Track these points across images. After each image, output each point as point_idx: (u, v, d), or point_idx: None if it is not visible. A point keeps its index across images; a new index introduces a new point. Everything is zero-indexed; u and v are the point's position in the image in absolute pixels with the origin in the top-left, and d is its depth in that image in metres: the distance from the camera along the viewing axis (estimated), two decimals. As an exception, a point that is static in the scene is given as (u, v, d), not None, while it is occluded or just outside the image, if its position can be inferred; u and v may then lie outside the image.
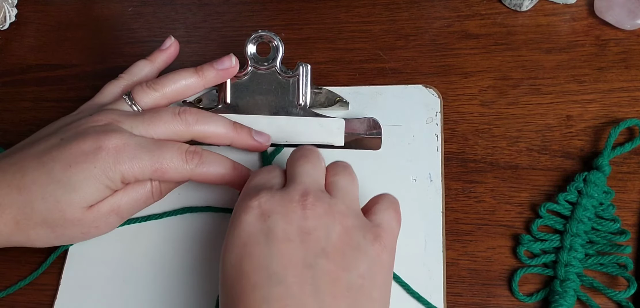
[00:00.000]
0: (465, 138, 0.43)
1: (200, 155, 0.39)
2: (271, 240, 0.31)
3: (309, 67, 0.44)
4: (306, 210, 0.32)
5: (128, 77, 0.44)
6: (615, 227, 0.38)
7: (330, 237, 0.31)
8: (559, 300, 0.36)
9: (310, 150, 0.36)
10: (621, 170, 0.41)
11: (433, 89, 0.45)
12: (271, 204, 0.32)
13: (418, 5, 0.51)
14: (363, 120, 0.44)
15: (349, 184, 0.35)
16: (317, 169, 0.35)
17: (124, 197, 0.38)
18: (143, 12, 0.54)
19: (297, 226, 0.31)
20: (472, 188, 0.41)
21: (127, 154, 0.36)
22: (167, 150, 0.38)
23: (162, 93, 0.42)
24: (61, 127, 0.39)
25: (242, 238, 0.31)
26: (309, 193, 0.32)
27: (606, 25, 0.47)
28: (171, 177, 0.38)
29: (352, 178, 0.36)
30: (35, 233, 0.37)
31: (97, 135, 0.37)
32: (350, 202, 0.34)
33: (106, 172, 0.36)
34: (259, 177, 0.36)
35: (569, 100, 0.44)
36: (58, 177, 0.36)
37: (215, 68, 0.43)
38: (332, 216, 0.32)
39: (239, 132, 0.42)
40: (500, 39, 0.47)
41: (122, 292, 0.39)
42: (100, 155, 0.36)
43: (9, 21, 0.54)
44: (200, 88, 0.43)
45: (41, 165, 0.36)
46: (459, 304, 0.38)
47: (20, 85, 0.51)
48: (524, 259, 0.38)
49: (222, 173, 0.39)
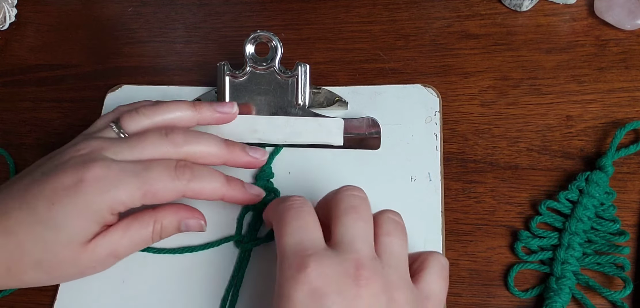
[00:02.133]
0: (465, 138, 0.43)
1: (191, 169, 0.36)
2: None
3: (307, 67, 0.44)
4: (361, 288, 0.29)
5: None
6: (615, 227, 0.38)
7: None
8: (553, 296, 0.36)
9: (361, 200, 0.33)
10: (621, 171, 0.40)
11: (432, 88, 0.45)
12: (323, 280, 0.29)
13: (418, 5, 0.51)
14: (362, 120, 0.43)
15: (402, 248, 0.32)
16: (369, 228, 0.32)
17: (123, 239, 0.36)
18: (143, 12, 0.54)
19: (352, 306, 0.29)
20: (472, 188, 0.41)
21: (111, 183, 0.34)
22: (153, 169, 0.35)
23: (152, 121, 0.38)
24: (46, 160, 0.37)
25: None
26: (363, 266, 0.29)
27: (606, 25, 0.47)
28: (162, 197, 0.35)
29: (404, 240, 0.33)
30: (29, 277, 0.35)
31: (76, 167, 0.34)
32: (403, 272, 0.31)
33: (90, 206, 0.34)
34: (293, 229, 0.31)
35: (569, 100, 0.44)
36: (42, 215, 0.34)
37: (214, 109, 0.40)
38: (388, 295, 0.29)
39: (232, 150, 0.39)
40: (500, 39, 0.47)
41: (121, 292, 0.39)
42: (82, 189, 0.34)
43: (9, 21, 0.54)
44: (194, 124, 0.40)
45: (24, 203, 0.34)
46: (459, 304, 0.38)
47: (20, 85, 0.51)
48: (521, 255, 0.38)
49: (215, 187, 0.37)
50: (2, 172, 0.47)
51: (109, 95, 0.48)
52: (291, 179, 0.42)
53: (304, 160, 0.43)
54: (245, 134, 0.43)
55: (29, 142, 0.48)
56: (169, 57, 0.51)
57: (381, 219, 0.33)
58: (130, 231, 0.36)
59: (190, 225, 0.38)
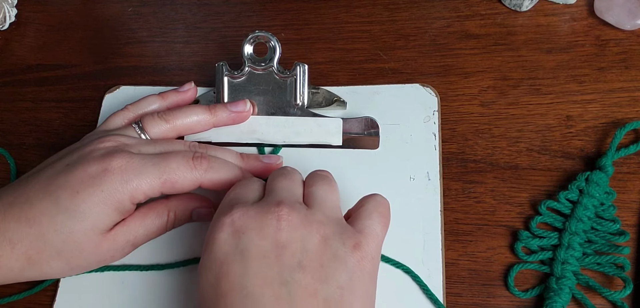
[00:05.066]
0: (465, 138, 0.43)
1: (208, 160, 0.37)
2: (246, 258, 0.30)
3: (306, 67, 0.44)
4: (281, 221, 0.31)
5: (135, 110, 0.43)
6: (615, 227, 0.38)
7: (306, 248, 0.30)
8: (553, 297, 0.36)
9: (289, 168, 0.36)
10: (621, 171, 0.40)
11: (430, 87, 0.45)
12: (245, 219, 0.31)
13: (418, 5, 0.51)
14: (361, 119, 0.43)
15: (327, 192, 0.34)
16: (294, 183, 0.34)
17: (140, 228, 0.37)
18: (143, 12, 0.54)
19: (272, 240, 0.30)
20: (472, 188, 0.41)
21: (133, 172, 0.35)
22: (172, 159, 0.36)
23: (172, 125, 0.41)
24: (67, 153, 0.38)
25: (218, 257, 0.30)
26: (283, 204, 0.31)
27: (606, 25, 0.46)
28: (181, 186, 0.37)
29: (330, 186, 0.35)
30: (49, 267, 0.35)
31: (102, 157, 0.36)
32: (329, 211, 0.33)
33: (114, 195, 0.35)
34: (236, 191, 0.34)
35: (569, 100, 0.44)
36: (66, 205, 0.34)
37: (229, 110, 0.43)
38: (309, 226, 0.31)
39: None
40: (500, 39, 0.47)
41: (121, 293, 0.39)
42: (107, 178, 0.35)
43: (9, 21, 0.54)
44: (210, 126, 0.42)
45: (48, 194, 0.35)
46: (459, 304, 0.38)
47: (20, 85, 0.51)
48: (521, 255, 0.38)
49: (231, 178, 0.38)
50: (2, 172, 0.47)
51: (107, 96, 0.48)
52: (290, 179, 0.42)
53: (303, 160, 0.43)
54: (245, 134, 0.43)
55: (29, 142, 0.48)
56: (169, 57, 0.51)
57: (308, 177, 0.35)
58: (146, 220, 0.37)
59: (202, 214, 0.39)
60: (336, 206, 0.34)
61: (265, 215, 0.31)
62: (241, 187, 0.35)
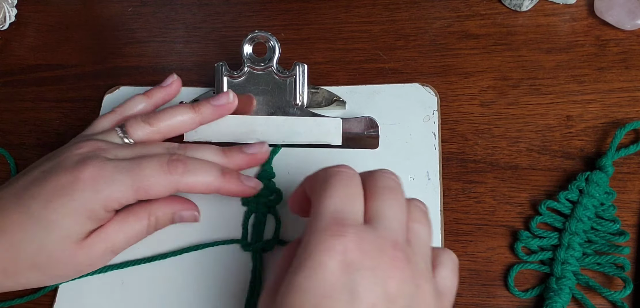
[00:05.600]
0: (465, 138, 0.43)
1: (184, 163, 0.36)
2: (355, 300, 0.26)
3: (305, 66, 0.43)
4: (395, 269, 0.27)
5: (121, 111, 0.42)
6: (615, 227, 0.38)
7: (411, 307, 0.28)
8: (553, 297, 0.36)
9: (397, 184, 0.31)
10: (621, 171, 0.40)
11: (430, 87, 0.45)
12: (359, 254, 0.27)
13: (418, 5, 0.51)
14: (360, 119, 0.43)
15: (429, 238, 0.31)
16: (404, 213, 0.30)
17: (119, 234, 0.36)
18: (143, 12, 0.54)
19: (383, 287, 0.27)
20: (472, 188, 0.41)
21: (105, 181, 0.34)
22: (146, 165, 0.35)
23: (156, 128, 0.40)
24: (44, 160, 0.37)
25: (323, 288, 0.26)
26: (399, 248, 0.28)
27: (606, 25, 0.46)
28: (156, 192, 0.35)
29: (431, 230, 0.31)
30: (26, 278, 0.35)
31: (74, 166, 0.35)
32: (428, 263, 0.30)
33: (85, 204, 0.34)
34: (340, 196, 0.29)
35: (569, 100, 0.44)
36: (37, 215, 0.34)
37: (212, 105, 0.41)
38: (416, 282, 0.28)
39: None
40: (500, 39, 0.47)
41: (121, 293, 0.39)
42: (78, 187, 0.34)
43: (9, 21, 0.54)
44: (196, 125, 0.41)
45: (19, 204, 0.34)
46: (459, 304, 0.37)
47: (20, 85, 0.51)
48: (521, 255, 0.38)
49: (210, 181, 0.37)
50: (2, 172, 0.47)
51: (107, 96, 0.49)
52: (290, 179, 0.42)
53: (303, 160, 0.43)
54: (244, 134, 0.43)
55: (29, 142, 0.48)
56: (169, 57, 0.51)
57: (411, 206, 0.31)
58: (125, 226, 0.37)
59: (184, 216, 0.39)
60: (431, 254, 0.31)
61: (381, 256, 0.27)
62: (347, 190, 0.30)
